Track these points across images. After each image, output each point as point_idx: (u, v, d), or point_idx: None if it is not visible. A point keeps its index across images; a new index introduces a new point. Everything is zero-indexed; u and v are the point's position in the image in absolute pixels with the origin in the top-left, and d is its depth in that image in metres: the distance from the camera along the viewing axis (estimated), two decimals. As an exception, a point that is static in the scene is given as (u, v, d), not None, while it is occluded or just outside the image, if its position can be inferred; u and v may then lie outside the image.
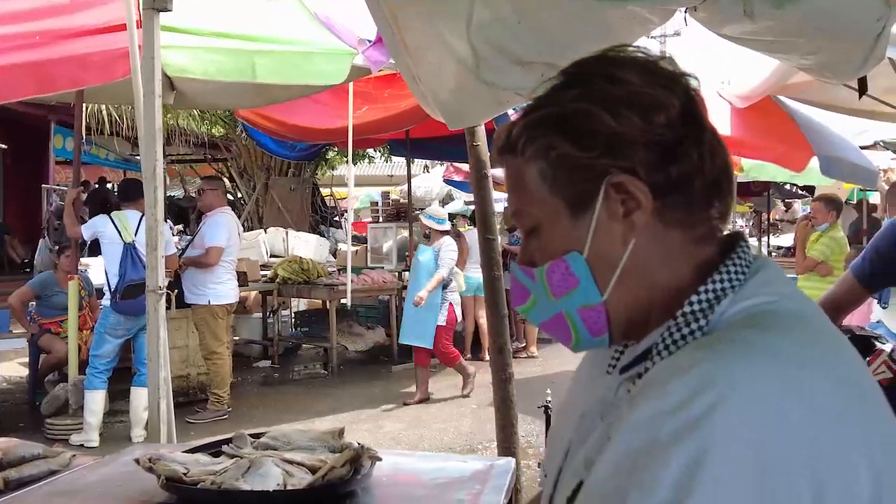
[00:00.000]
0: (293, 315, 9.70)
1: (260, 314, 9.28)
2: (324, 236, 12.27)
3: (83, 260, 7.96)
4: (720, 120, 6.70)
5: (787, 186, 14.06)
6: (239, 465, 1.90)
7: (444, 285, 7.08)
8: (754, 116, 6.13)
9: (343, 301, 7.86)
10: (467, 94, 2.45)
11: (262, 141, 8.89)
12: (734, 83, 6.68)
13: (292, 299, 9.47)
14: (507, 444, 3.44)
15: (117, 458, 2.13)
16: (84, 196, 10.47)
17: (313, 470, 1.86)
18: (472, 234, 8.73)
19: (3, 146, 8.52)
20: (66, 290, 5.85)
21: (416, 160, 12.73)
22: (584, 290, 0.82)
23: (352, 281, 7.62)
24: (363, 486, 1.87)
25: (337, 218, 14.50)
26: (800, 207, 19.10)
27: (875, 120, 5.64)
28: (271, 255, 10.78)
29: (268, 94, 6.36)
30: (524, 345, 9.12)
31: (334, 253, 11.80)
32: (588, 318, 0.83)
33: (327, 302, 8.54)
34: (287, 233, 11.13)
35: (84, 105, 10.04)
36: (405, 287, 8.42)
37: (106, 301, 5.74)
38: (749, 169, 8.64)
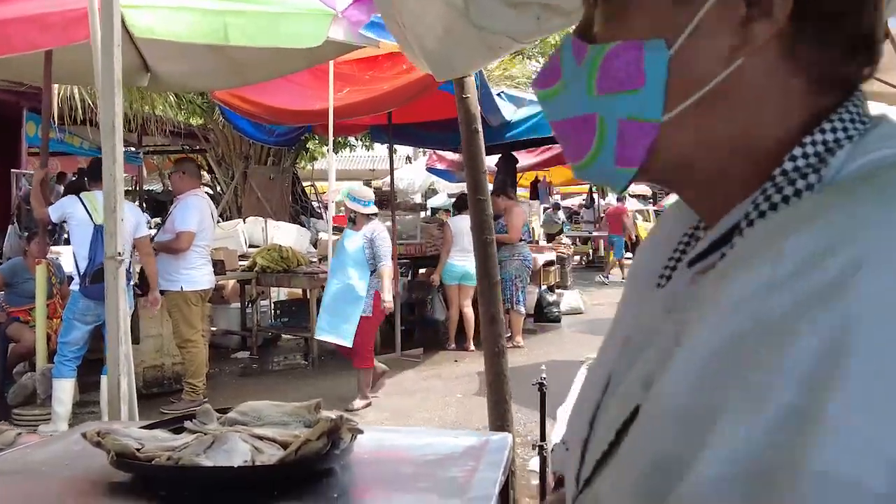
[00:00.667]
0: (273, 305, 9.45)
1: (238, 304, 9.03)
2: (304, 226, 12.02)
3: (53, 248, 7.70)
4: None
5: None
6: (201, 440, 1.68)
7: (371, 271, 6.28)
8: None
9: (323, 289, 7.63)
10: (455, 39, 2.24)
11: (240, 125, 8.65)
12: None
13: (271, 289, 9.22)
14: (501, 421, 3.23)
15: (66, 436, 1.92)
16: (61, 188, 10.17)
17: (285, 446, 1.65)
18: (456, 222, 8.54)
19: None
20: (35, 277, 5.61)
21: (398, 150, 12.50)
22: (643, 98, 0.59)
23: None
24: (342, 462, 1.66)
25: (317, 206, 14.22)
26: None
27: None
28: (250, 245, 10.54)
29: (243, 73, 6.16)
30: (509, 334, 8.93)
31: (315, 243, 11.55)
32: (629, 135, 0.60)
33: (308, 291, 8.32)
34: (266, 222, 10.88)
35: (56, 89, 9.80)
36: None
37: (75, 286, 5.50)
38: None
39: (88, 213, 5.37)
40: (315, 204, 14.73)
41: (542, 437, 2.93)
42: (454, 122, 8.64)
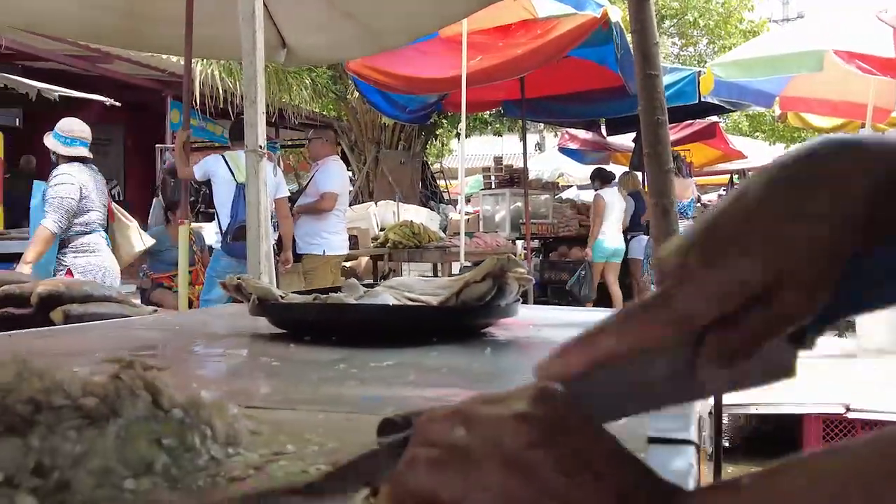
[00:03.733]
0: (404, 282, 9.40)
1: (371, 281, 9.04)
2: (434, 211, 12.00)
3: (194, 224, 7.94)
4: (882, 43, 6.05)
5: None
6: (350, 289, 1.53)
7: (62, 244, 4.85)
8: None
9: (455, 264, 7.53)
10: None
11: (373, 99, 8.67)
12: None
13: (403, 264, 9.19)
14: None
15: (207, 311, 1.81)
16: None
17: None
18: (607, 195, 8.32)
19: (117, 103, 8.59)
20: (178, 245, 5.74)
21: (528, 138, 12.27)
22: None
23: (465, 244, 7.28)
24: (504, 316, 1.45)
25: (446, 195, 14.24)
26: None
27: None
28: (381, 229, 10.59)
29: (378, 39, 6.12)
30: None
31: (445, 228, 11.50)
32: None
33: (439, 265, 8.22)
34: (398, 205, 10.92)
35: (197, 76, 10.19)
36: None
37: (217, 244, 5.60)
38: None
39: (231, 171, 5.45)
40: (444, 194, 14.76)
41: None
42: (591, 93, 8.45)
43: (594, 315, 1.86)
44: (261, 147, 2.33)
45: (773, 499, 0.35)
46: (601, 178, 8.79)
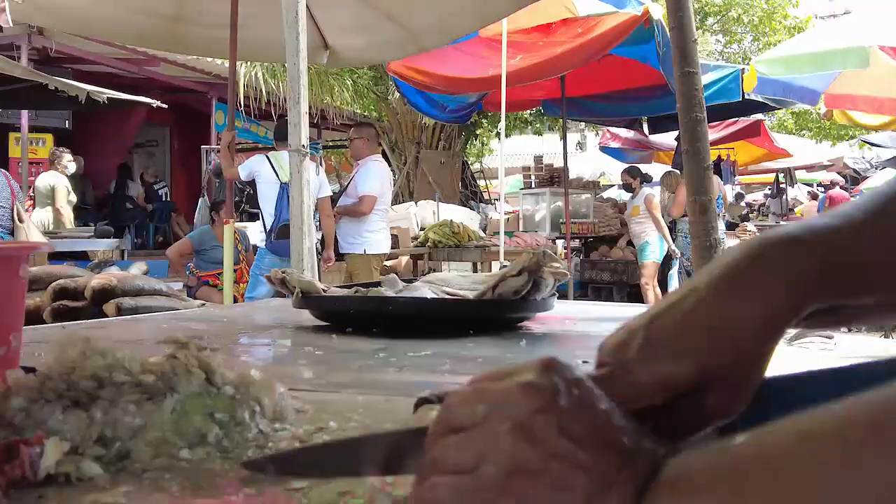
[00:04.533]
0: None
1: (411, 278, 9.11)
2: (474, 211, 12.02)
3: (239, 224, 8.08)
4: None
5: None
6: (391, 283, 1.57)
7: None
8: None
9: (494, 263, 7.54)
10: None
11: (414, 100, 8.72)
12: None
13: (442, 263, 9.23)
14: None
15: (252, 304, 1.87)
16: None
17: (478, 297, 1.49)
18: (658, 194, 8.30)
19: (164, 105, 8.77)
20: (223, 244, 5.85)
21: (569, 137, 12.21)
22: None
23: (504, 243, 7.30)
24: (539, 310, 1.48)
25: (486, 195, 14.25)
26: None
27: None
28: (421, 228, 10.64)
29: (418, 40, 6.16)
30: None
31: (484, 228, 11.51)
32: None
33: (479, 265, 8.24)
34: (438, 205, 10.96)
35: (242, 79, 10.35)
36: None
37: (261, 243, 5.70)
38: None
39: (275, 171, 5.54)
40: (484, 194, 14.77)
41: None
42: (633, 92, 8.40)
43: (630, 310, 1.88)
44: (304, 147, 2.39)
45: (760, 456, 0.37)
46: (642, 177, 8.73)
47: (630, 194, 8.92)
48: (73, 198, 8.83)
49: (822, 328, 0.54)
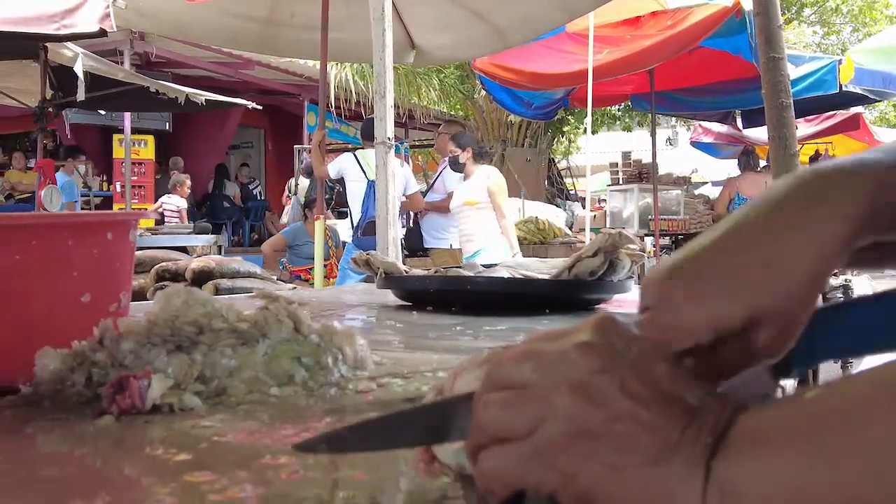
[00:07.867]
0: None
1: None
2: (560, 208, 11.96)
3: (329, 221, 8.29)
4: None
5: None
6: (471, 267, 1.62)
7: None
8: None
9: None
10: None
11: (500, 97, 8.76)
12: None
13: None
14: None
15: (339, 288, 1.95)
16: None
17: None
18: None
19: (259, 106, 9.08)
20: (314, 240, 6.04)
21: (659, 133, 12.00)
22: None
23: (590, 239, 7.25)
24: (615, 294, 1.50)
25: (573, 192, 14.15)
26: None
27: None
28: (508, 225, 10.65)
29: (504, 37, 6.20)
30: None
31: (571, 226, 11.43)
32: None
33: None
34: (523, 202, 10.95)
35: (332, 80, 10.60)
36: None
37: (349, 239, 5.86)
38: None
39: (362, 169, 5.68)
40: (571, 191, 14.68)
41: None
42: (725, 84, 8.19)
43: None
44: (389, 139, 2.47)
45: (841, 410, 0.36)
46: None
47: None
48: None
49: (860, 268, 0.53)
